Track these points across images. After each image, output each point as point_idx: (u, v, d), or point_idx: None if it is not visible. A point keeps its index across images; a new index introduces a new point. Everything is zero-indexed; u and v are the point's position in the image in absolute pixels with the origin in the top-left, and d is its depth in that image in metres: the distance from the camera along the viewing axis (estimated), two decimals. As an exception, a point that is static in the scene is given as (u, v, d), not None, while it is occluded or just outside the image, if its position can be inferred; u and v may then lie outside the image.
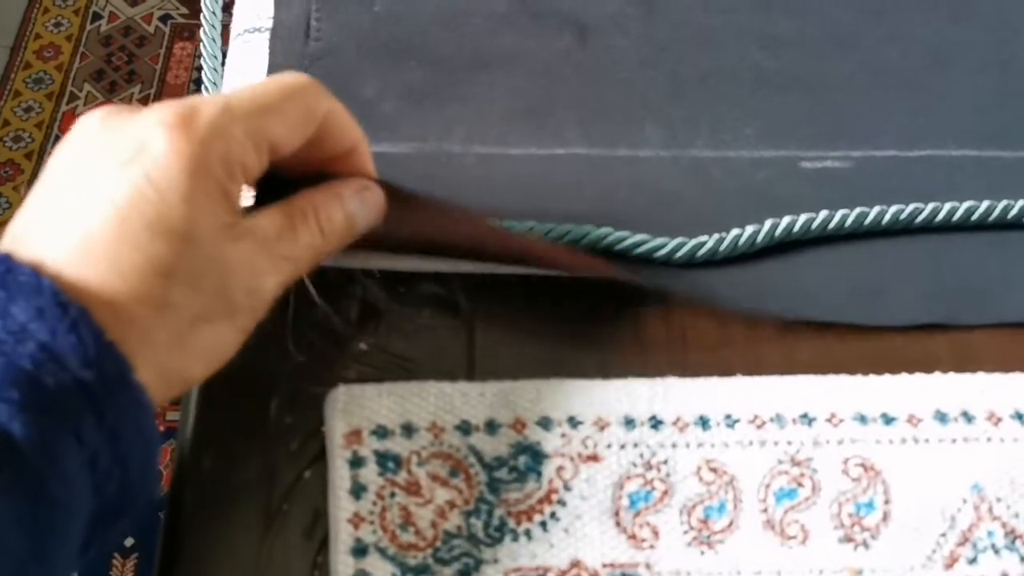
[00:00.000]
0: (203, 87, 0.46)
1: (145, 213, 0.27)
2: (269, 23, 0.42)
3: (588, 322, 0.36)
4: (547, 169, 0.39)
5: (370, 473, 0.31)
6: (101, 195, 0.27)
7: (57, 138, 1.42)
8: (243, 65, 0.42)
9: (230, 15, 0.44)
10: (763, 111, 0.41)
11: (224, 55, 0.44)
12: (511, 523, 0.31)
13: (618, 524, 0.32)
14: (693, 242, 0.37)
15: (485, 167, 0.39)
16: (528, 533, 0.31)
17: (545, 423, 0.33)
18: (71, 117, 1.44)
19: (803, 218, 0.37)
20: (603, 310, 0.36)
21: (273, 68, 0.41)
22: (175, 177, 0.27)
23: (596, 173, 0.39)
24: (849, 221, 0.37)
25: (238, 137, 0.29)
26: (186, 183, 0.27)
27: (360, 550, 0.31)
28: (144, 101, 1.47)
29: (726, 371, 0.35)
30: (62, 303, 0.25)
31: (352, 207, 0.32)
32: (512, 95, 0.41)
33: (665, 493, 0.32)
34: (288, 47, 0.42)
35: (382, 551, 0.31)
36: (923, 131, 0.40)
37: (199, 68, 1.48)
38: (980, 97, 0.42)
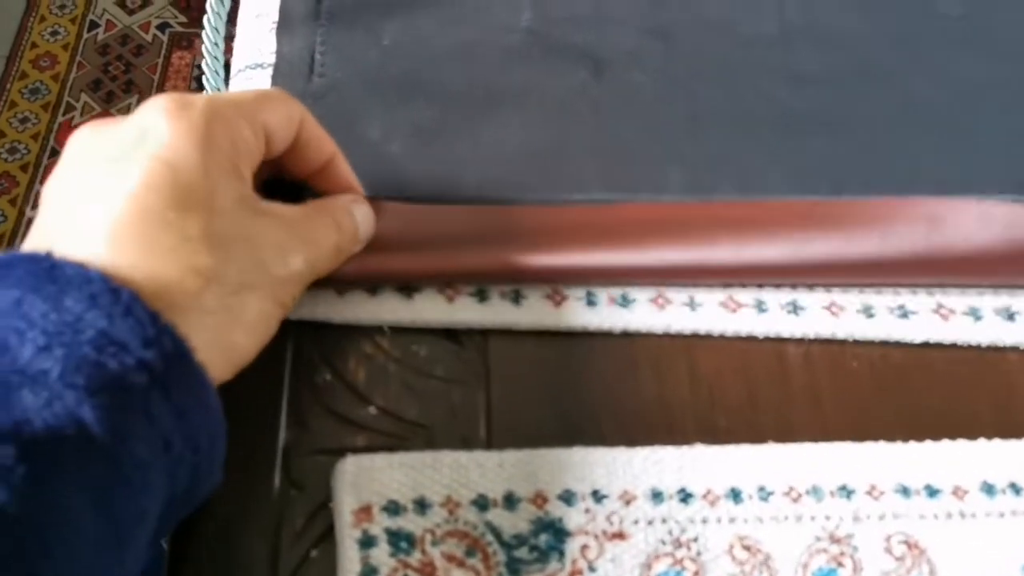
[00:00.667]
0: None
1: (163, 191, 0.27)
2: (271, 58, 0.40)
3: (609, 379, 0.34)
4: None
5: (382, 554, 0.29)
6: (114, 186, 0.27)
7: (54, 150, 1.39)
8: (244, 104, 0.40)
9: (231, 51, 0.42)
10: (790, 152, 0.39)
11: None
12: (532, 607, 0.29)
13: (646, 607, 0.30)
14: None
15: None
16: (550, 618, 0.29)
17: (567, 497, 0.31)
18: (67, 128, 1.42)
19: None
20: (624, 366, 0.34)
21: (275, 107, 0.39)
22: (186, 152, 0.28)
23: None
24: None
25: (236, 118, 0.29)
26: (198, 156, 0.28)
27: (370, 638, 0.29)
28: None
29: (757, 437, 0.33)
30: (113, 289, 0.25)
31: (357, 214, 0.33)
32: (526, 134, 0.39)
33: (696, 574, 0.30)
34: (290, 84, 0.40)
35: (394, 639, 0.29)
36: (960, 175, 0.38)
37: (198, 78, 1.46)
38: (1014, 137, 0.40)
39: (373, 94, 0.40)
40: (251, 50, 0.41)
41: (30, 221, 1.32)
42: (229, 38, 0.43)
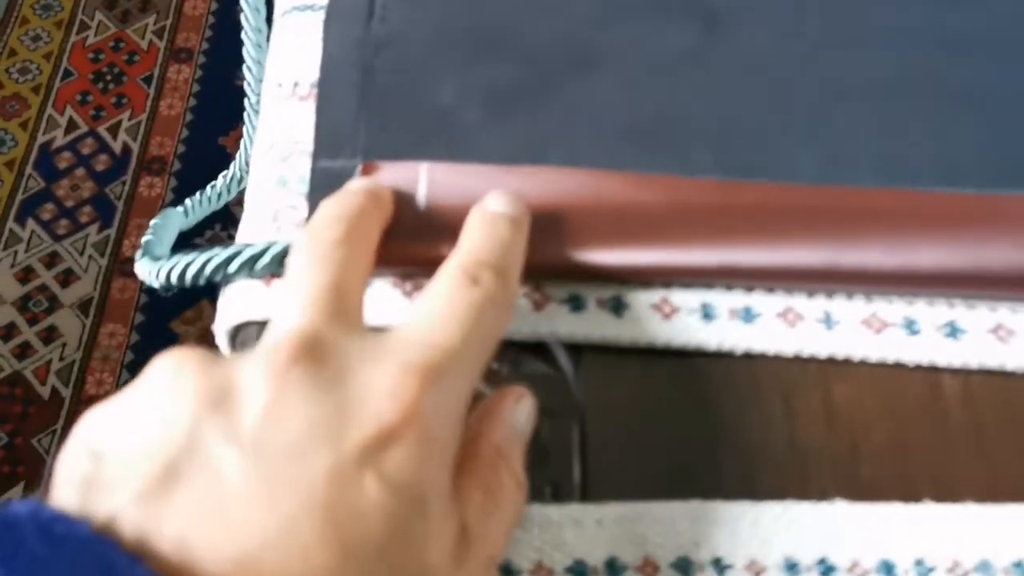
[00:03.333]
0: (245, 67, 0.37)
1: (382, 539, 0.20)
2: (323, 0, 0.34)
3: (729, 413, 0.28)
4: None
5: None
6: (307, 497, 0.20)
7: (67, 71, 1.32)
8: (289, 52, 0.33)
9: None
10: (943, 136, 0.32)
11: (269, 31, 0.35)
12: None
13: None
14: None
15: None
16: None
17: (684, 567, 0.25)
18: (81, 48, 1.35)
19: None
20: (747, 397, 0.28)
21: (328, 57, 0.32)
22: (429, 496, 0.21)
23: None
24: None
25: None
26: (435, 503, 0.21)
27: None
28: (159, 33, 1.38)
29: (910, 492, 0.27)
30: None
31: (522, 424, 0.26)
32: (626, 104, 0.33)
33: (842, 670, 0.25)
34: (346, 31, 0.33)
35: None
36: None
37: (215, 12, 1.38)
38: None
39: (444, 47, 0.33)
40: (298, -13, 0.34)
41: (42, 147, 1.26)
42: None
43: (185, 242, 0.35)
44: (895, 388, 0.29)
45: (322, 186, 0.30)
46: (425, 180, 0.30)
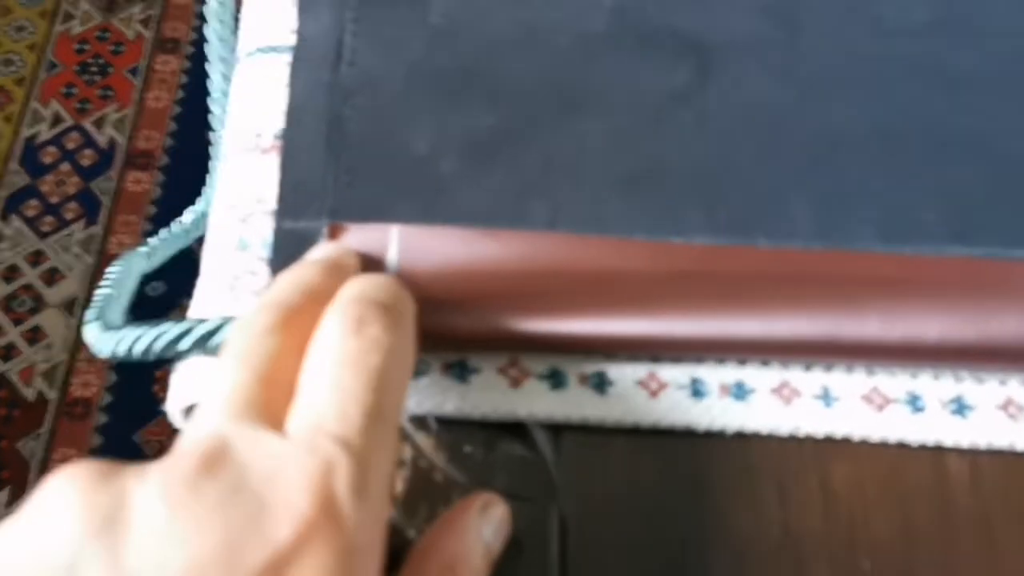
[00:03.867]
0: (210, 100, 0.35)
1: None
2: (289, 39, 0.31)
3: (720, 498, 0.26)
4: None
5: None
6: None
7: (52, 63, 1.30)
8: (251, 99, 0.31)
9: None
10: (949, 189, 0.30)
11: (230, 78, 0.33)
12: None
13: None
14: None
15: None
16: None
17: None
18: (66, 39, 1.32)
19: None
20: (740, 481, 0.27)
21: (293, 105, 0.30)
22: None
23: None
24: None
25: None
26: None
27: None
28: (145, 22, 1.35)
29: (913, 588, 0.25)
30: None
31: (488, 538, 0.23)
32: (612, 153, 0.31)
33: None
34: (313, 76, 0.31)
35: None
36: None
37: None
38: None
39: (418, 92, 0.31)
40: (263, 29, 0.32)
41: (28, 141, 1.23)
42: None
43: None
44: (897, 471, 0.27)
45: (285, 249, 0.28)
46: (396, 244, 0.28)
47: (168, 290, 1.07)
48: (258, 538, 0.18)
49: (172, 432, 0.27)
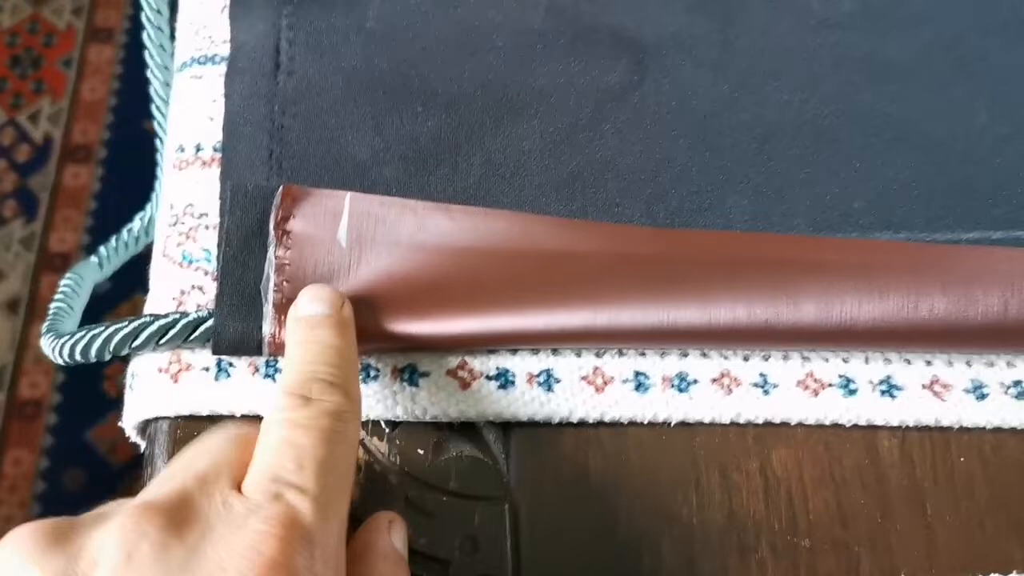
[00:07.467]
0: (153, 107, 0.35)
1: None
2: (223, 49, 0.32)
3: (667, 486, 0.27)
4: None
5: None
6: None
7: (-20, 57, 1.26)
8: (189, 111, 0.31)
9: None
10: (877, 177, 0.31)
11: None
12: None
13: None
14: None
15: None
16: None
17: (623, 664, 0.24)
18: (-5, 33, 1.29)
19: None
20: (684, 469, 0.28)
21: (230, 118, 0.30)
22: None
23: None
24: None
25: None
26: None
27: None
28: (77, 12, 1.32)
29: (849, 565, 0.27)
30: None
31: (398, 546, 0.24)
32: (551, 153, 0.31)
33: None
34: (250, 87, 0.31)
35: None
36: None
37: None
38: None
39: (358, 97, 0.31)
40: (197, 39, 0.32)
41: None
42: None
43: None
44: (833, 451, 0.28)
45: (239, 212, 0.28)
46: (347, 219, 0.28)
47: (114, 287, 1.06)
48: None
49: (123, 432, 0.28)
